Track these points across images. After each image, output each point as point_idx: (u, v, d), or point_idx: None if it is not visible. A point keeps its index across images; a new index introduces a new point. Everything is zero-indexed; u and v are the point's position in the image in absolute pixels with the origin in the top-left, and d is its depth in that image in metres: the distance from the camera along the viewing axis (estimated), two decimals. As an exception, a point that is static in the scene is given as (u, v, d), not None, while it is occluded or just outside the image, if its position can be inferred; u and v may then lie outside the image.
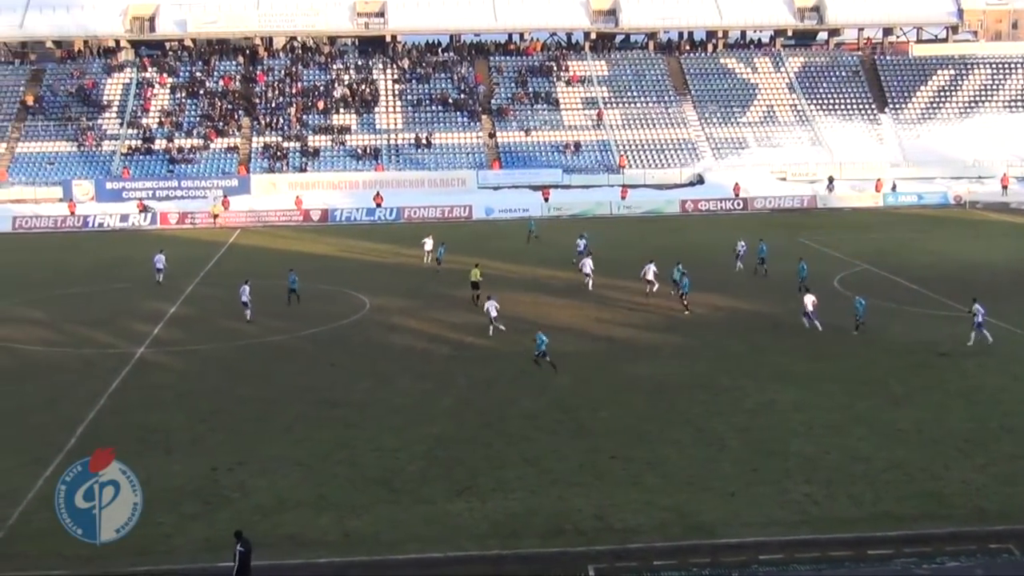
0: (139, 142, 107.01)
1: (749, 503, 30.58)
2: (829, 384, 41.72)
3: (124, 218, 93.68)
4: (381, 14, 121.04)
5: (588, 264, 61.44)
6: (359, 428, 37.62)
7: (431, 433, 36.80)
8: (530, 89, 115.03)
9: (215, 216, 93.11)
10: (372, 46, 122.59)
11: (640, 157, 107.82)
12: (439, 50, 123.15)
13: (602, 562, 27.39)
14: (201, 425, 38.34)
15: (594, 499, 30.97)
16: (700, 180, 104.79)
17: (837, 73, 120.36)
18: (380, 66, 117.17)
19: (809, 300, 50.10)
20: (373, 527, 29.48)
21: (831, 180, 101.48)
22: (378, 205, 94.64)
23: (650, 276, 56.96)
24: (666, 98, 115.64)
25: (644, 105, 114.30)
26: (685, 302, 54.50)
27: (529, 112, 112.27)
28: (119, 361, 46.91)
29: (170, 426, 38.17)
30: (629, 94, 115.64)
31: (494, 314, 50.11)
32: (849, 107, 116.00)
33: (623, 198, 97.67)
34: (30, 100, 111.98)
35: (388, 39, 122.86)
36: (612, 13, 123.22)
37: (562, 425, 37.56)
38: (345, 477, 33.03)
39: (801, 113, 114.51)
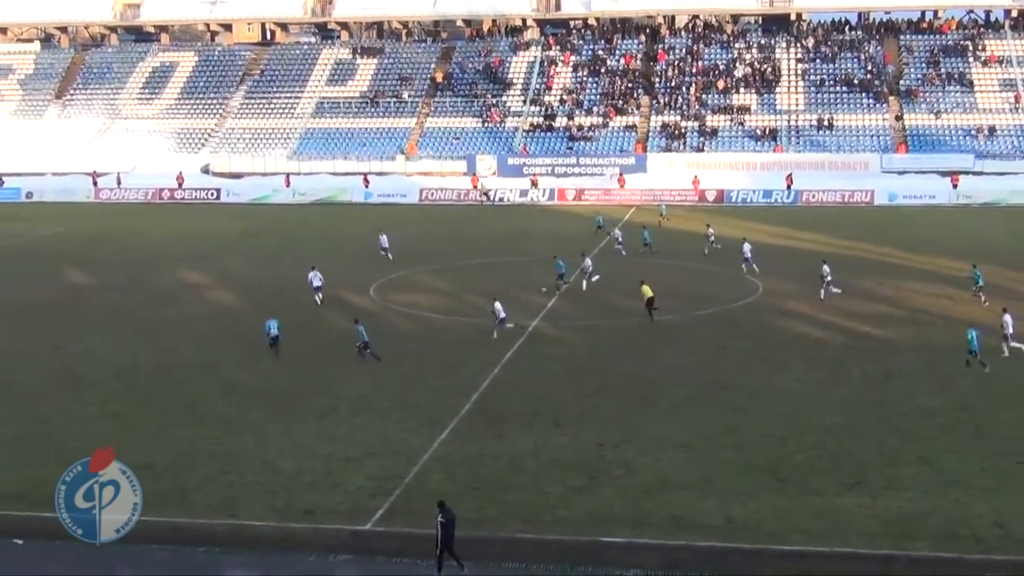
0: (540, 119, 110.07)
1: None
2: None
3: (523, 193, 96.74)
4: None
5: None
6: (747, 413, 37.36)
7: (822, 423, 36.06)
8: (942, 69, 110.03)
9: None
10: (776, 24, 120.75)
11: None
12: (846, 28, 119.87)
13: (1001, 572, 26.04)
14: (589, 400, 39.14)
15: (996, 505, 29.44)
16: None
17: None
18: (783, 45, 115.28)
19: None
20: (757, 515, 29.22)
21: None
22: (788, 187, 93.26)
23: None
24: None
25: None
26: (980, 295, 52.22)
27: (940, 94, 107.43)
28: (514, 332, 48.51)
29: (559, 399, 39.19)
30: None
31: (502, 315, 47.66)
32: None
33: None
34: (439, 77, 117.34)
35: (793, 17, 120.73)
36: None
37: (962, 424, 35.92)
38: (731, 462, 32.88)
39: None
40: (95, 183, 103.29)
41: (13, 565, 27.62)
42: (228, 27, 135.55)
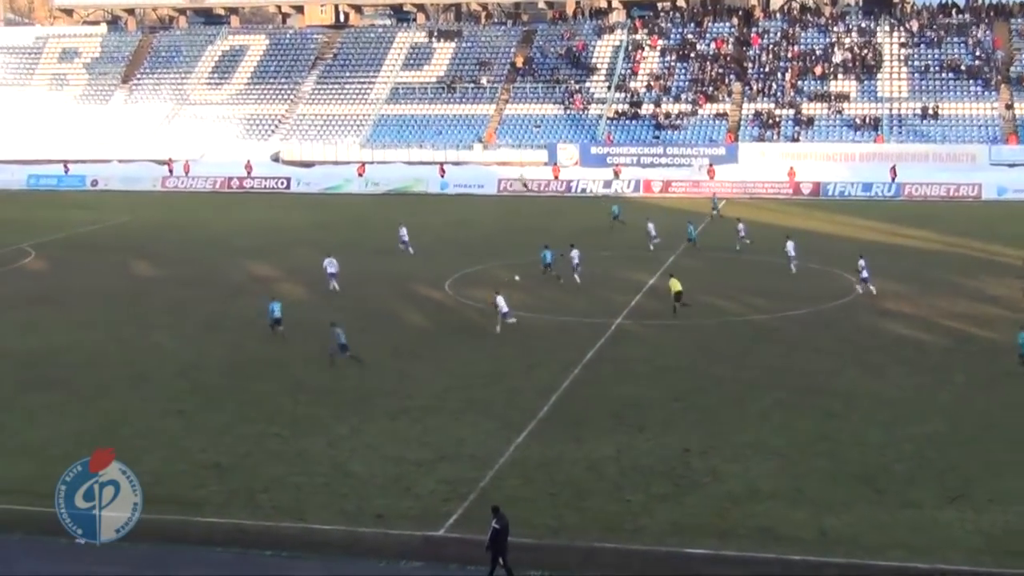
0: (626, 106, 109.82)
1: None
2: None
3: (607, 184, 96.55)
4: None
5: None
6: (842, 419, 37.02)
7: (922, 432, 35.63)
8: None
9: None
10: (878, 6, 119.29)
11: None
12: (953, 11, 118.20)
13: (1116, 594, 25.62)
14: (675, 403, 39.00)
15: (1110, 521, 28.96)
16: None
17: None
18: (886, 28, 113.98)
19: None
20: (852, 528, 28.93)
21: None
22: (893, 180, 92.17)
23: None
24: None
25: None
26: None
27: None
28: (595, 331, 48.50)
29: (643, 402, 39.08)
30: None
31: (504, 309, 48.38)
32: None
33: None
34: (520, 62, 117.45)
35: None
36: None
37: (1076, 435, 35.36)
38: (824, 471, 32.59)
39: None
40: (171, 171, 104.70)
41: (76, 564, 28.08)
42: (300, 9, 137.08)
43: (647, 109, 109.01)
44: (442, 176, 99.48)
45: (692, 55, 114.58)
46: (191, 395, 40.70)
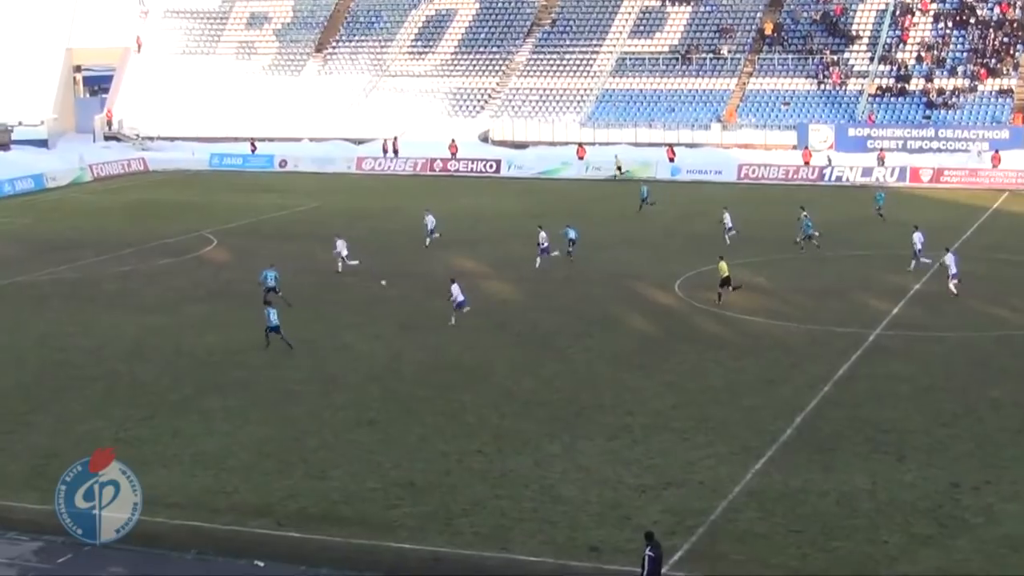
0: (891, 81, 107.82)
1: None
2: None
3: (867, 172, 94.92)
4: None
5: None
6: None
7: None
8: None
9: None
10: None
11: None
12: None
13: None
14: (942, 430, 38.19)
15: None
16: None
17: None
18: None
19: None
20: None
21: None
22: None
23: None
24: None
25: None
26: None
27: None
28: (849, 343, 47.81)
29: (904, 427, 38.38)
30: None
31: (460, 298, 50.81)
32: None
33: None
34: (767, 29, 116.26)
35: None
36: None
37: None
38: (1115, 516, 31.57)
39: None
40: (387, 151, 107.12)
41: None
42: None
43: (916, 84, 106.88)
44: (671, 160, 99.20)
45: (971, 21, 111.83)
46: (384, 403, 41.49)
